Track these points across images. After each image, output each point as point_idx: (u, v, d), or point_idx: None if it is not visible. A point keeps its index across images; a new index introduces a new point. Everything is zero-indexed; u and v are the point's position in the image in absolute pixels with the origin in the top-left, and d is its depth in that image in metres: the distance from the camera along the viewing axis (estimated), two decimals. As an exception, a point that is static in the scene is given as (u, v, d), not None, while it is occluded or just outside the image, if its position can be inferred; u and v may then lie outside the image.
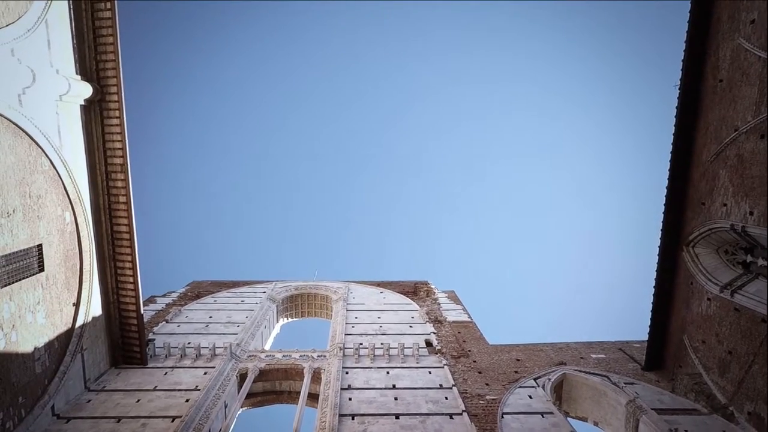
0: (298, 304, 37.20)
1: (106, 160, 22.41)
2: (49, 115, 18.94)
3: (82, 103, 21.03)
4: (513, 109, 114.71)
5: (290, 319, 37.25)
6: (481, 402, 19.74)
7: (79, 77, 20.55)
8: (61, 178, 19.78)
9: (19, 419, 16.83)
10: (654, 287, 22.62)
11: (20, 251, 17.34)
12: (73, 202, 20.61)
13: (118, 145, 22.34)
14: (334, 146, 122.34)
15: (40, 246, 18.46)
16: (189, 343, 25.33)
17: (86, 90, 20.79)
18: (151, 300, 33.76)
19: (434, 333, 27.72)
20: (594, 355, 24.64)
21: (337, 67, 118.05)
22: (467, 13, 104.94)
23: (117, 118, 22.10)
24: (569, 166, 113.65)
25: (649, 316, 23.14)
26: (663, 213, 21.96)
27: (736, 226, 18.28)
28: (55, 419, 18.20)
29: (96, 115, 21.91)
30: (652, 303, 22.76)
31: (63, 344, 19.73)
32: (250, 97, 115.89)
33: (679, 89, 20.92)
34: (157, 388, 20.90)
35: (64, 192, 20.09)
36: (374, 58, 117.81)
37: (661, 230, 22.05)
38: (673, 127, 21.35)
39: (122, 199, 22.82)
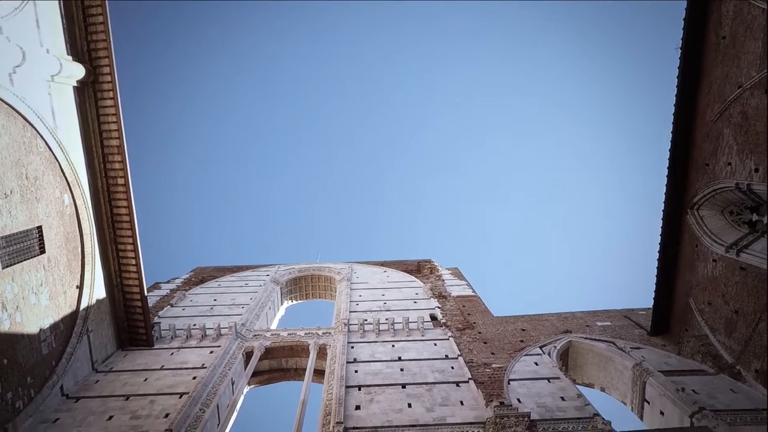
0: (301, 286, 37.24)
1: (102, 142, 22.21)
2: (42, 95, 18.71)
3: (75, 84, 20.76)
4: (512, 84, 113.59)
5: (294, 302, 37.32)
6: (487, 370, 19.74)
7: (70, 58, 20.27)
8: (57, 160, 19.63)
9: (29, 399, 16.91)
10: (658, 252, 22.46)
11: (20, 233, 17.27)
12: (71, 185, 20.48)
13: (114, 126, 22.12)
14: (334, 131, 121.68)
15: (39, 228, 18.39)
16: (194, 324, 25.39)
17: (78, 71, 20.50)
18: (155, 286, 33.83)
19: (439, 307, 27.70)
20: (599, 323, 24.60)
21: (339, 58, 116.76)
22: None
23: (111, 99, 21.84)
24: (571, 134, 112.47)
25: (654, 283, 23.03)
26: (666, 177, 21.71)
27: (741, 185, 18.05)
28: (65, 399, 18.29)
29: (90, 97, 21.65)
30: (657, 268, 22.63)
31: (68, 326, 19.76)
32: (249, 84, 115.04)
33: (681, 49, 20.50)
34: (164, 367, 20.99)
35: (62, 174, 19.95)
36: (371, 47, 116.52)
37: (665, 195, 21.82)
38: (676, 89, 20.99)
39: (120, 181, 22.67)
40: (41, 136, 18.63)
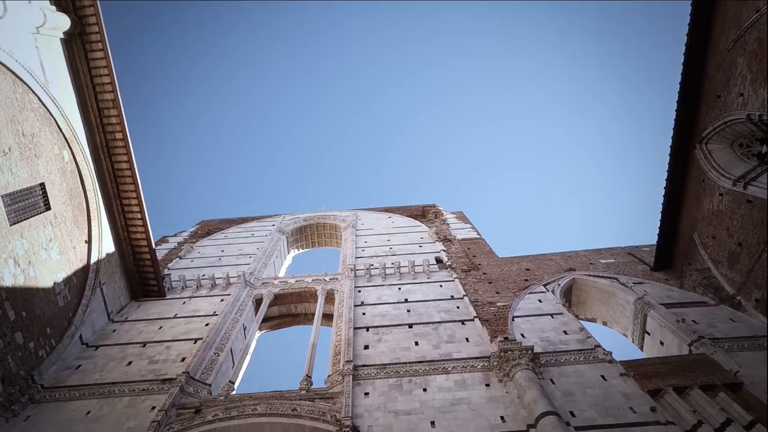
0: (307, 235, 37.62)
1: (96, 96, 21.74)
2: (29, 49, 18.11)
3: (62, 36, 20.02)
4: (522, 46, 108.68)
5: (301, 250, 37.85)
6: (491, 308, 20.21)
7: (54, 8, 19.42)
8: (52, 116, 19.31)
9: (51, 348, 17.65)
10: (664, 188, 22.24)
11: (23, 190, 17.33)
12: (69, 141, 20.28)
13: (107, 79, 21.55)
14: (336, 80, 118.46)
15: (42, 185, 18.42)
16: (203, 275, 25.93)
17: (64, 21, 19.70)
18: (162, 240, 34.31)
19: (444, 251, 28.01)
20: (603, 261, 24.85)
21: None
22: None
23: (101, 51, 21.11)
24: (577, 67, 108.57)
25: (659, 219, 22.98)
26: (675, 111, 21.06)
27: (753, 116, 17.52)
28: (85, 347, 19.06)
29: (79, 50, 20.94)
30: (662, 204, 22.49)
31: (81, 279, 20.26)
32: (249, 30, 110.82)
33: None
34: (177, 316, 21.66)
35: (58, 130, 19.70)
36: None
37: (673, 129, 21.26)
38: (689, 17, 19.91)
39: (119, 135, 22.40)
40: (33, 92, 18.23)
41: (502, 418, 13.57)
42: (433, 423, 13.50)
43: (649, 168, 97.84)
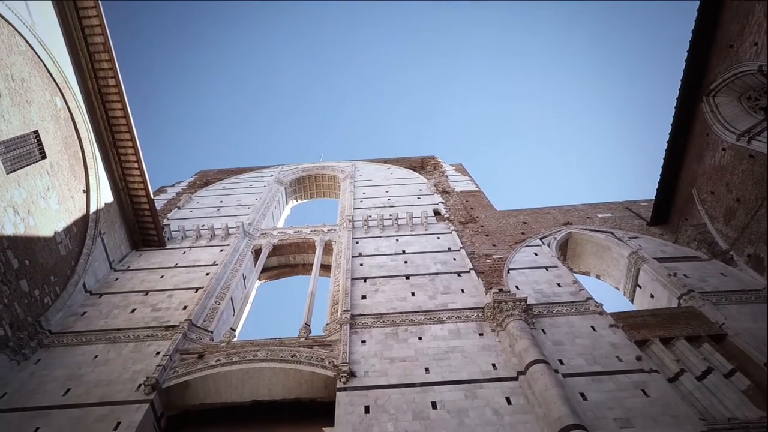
0: (305, 185, 37.54)
1: (86, 39, 20.93)
2: (11, -13, 17.22)
3: (44, -27, 18.98)
4: None
5: (299, 201, 37.91)
6: (488, 261, 20.52)
7: (31, -58, 18.28)
8: (41, 60, 18.68)
9: (56, 295, 18.07)
10: (667, 142, 21.93)
11: (17, 137, 17.08)
12: (60, 87, 19.75)
13: (95, 21, 20.65)
14: (337, 28, 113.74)
15: (36, 132, 18.13)
16: (203, 225, 26.10)
17: (45, -43, 18.63)
18: (161, 190, 34.25)
19: (442, 203, 28.07)
20: (600, 215, 24.96)
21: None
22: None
23: (87, -10, 20.12)
24: (582, 14, 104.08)
25: (659, 173, 22.83)
26: (685, 60, 20.36)
27: (764, 67, 16.98)
28: (89, 295, 19.51)
29: (64, -11, 19.94)
30: (664, 159, 22.26)
31: (81, 229, 20.40)
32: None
33: None
34: (177, 265, 22.01)
35: (49, 75, 19.12)
36: None
37: (681, 80, 20.64)
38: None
39: (111, 82, 21.78)
40: (19, 33, 17.52)
41: (493, 365, 14.12)
42: (427, 369, 14.06)
43: (653, 124, 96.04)
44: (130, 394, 13.67)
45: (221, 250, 23.19)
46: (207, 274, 20.78)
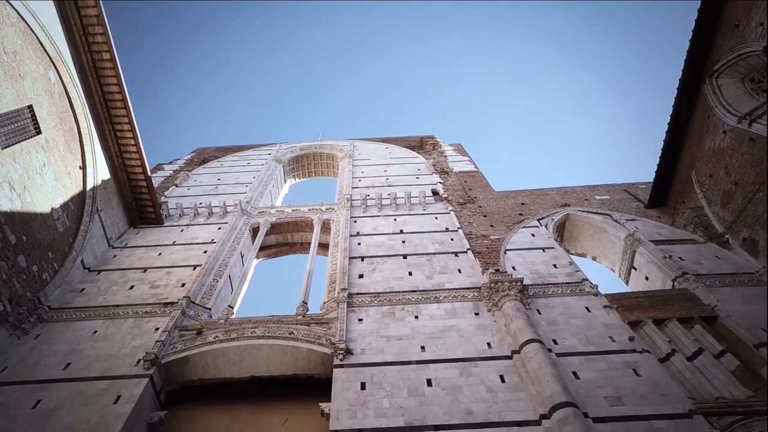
0: (304, 164, 37.36)
1: (79, 11, 20.46)
2: (0, -45, 16.75)
3: (33, -61, 18.42)
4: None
5: (297, 180, 37.78)
6: (485, 241, 20.61)
7: None
8: (33, 32, 18.30)
9: (54, 272, 18.12)
10: (668, 124, 21.81)
11: (11, 112, 16.86)
12: (54, 60, 19.42)
13: (87, -8, 20.18)
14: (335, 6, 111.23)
15: (30, 107, 17.90)
16: (200, 203, 26.06)
17: (34, -76, 18.05)
18: (158, 168, 34.02)
19: (441, 183, 28.01)
20: (598, 197, 24.97)
21: None
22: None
23: (78, -42, 19.60)
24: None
25: (659, 156, 22.78)
26: (690, 41, 20.07)
27: (768, 48, 16.78)
28: (87, 272, 19.59)
29: (54, -43, 19.40)
30: (664, 140, 22.17)
31: (78, 205, 20.34)
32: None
33: None
34: (175, 243, 22.04)
35: (41, 48, 18.78)
36: None
37: (685, 60, 20.39)
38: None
39: (106, 56, 21.39)
40: (10, 4, 17.14)
41: (488, 344, 14.33)
42: (423, 347, 14.26)
43: (654, 107, 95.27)
44: (129, 369, 13.86)
45: (219, 228, 23.20)
46: (205, 252, 20.83)
